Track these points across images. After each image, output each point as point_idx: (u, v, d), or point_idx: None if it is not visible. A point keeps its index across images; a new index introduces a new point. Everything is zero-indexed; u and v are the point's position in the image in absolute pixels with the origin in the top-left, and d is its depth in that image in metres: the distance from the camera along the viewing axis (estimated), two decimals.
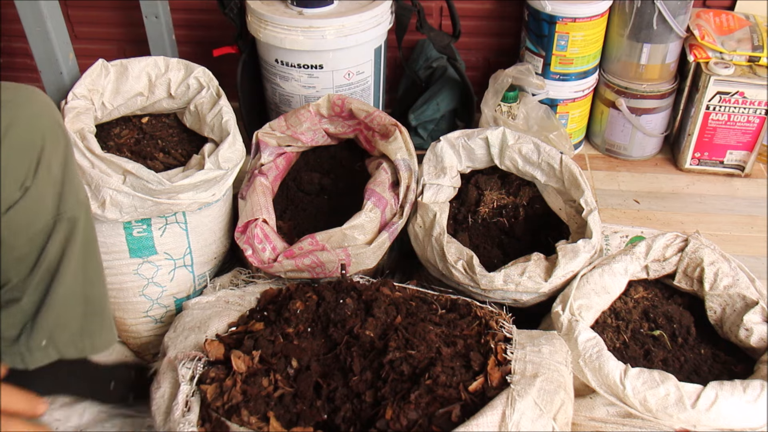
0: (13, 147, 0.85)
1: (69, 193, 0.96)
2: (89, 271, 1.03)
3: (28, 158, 0.87)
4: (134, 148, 1.28)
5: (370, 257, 1.18)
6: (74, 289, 1.00)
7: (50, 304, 0.98)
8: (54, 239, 0.95)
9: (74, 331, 1.03)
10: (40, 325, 0.99)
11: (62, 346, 1.02)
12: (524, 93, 1.69)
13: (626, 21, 1.62)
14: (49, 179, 0.91)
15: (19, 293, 0.97)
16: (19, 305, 0.97)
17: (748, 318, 1.04)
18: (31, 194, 0.89)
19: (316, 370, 0.95)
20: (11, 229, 0.90)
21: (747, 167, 1.71)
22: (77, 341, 1.04)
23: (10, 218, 0.89)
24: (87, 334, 1.04)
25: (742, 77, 1.58)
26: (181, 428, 0.87)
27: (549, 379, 0.90)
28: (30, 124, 0.87)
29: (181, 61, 1.34)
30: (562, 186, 1.27)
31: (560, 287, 1.15)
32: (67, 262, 0.97)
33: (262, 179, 1.27)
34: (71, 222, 0.97)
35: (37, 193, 0.90)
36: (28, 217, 0.91)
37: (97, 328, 1.06)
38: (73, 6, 1.89)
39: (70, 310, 1.01)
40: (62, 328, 1.01)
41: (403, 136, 1.29)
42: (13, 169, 0.86)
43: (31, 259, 0.95)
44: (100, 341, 1.07)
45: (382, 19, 1.50)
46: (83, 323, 1.04)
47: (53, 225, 0.95)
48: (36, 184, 0.89)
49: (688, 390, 0.92)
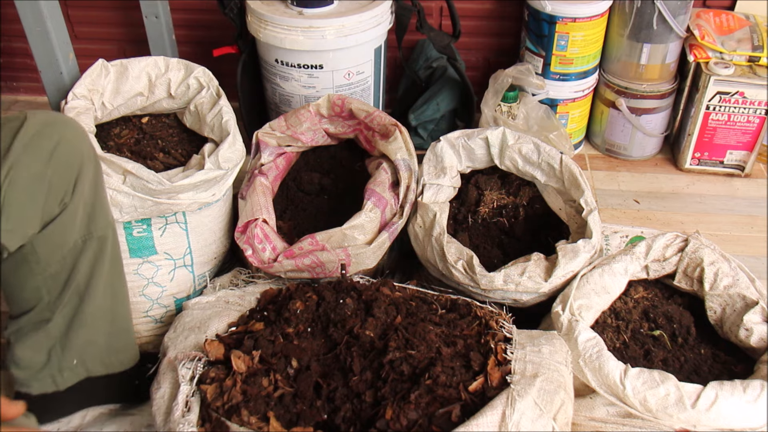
0: (60, 164, 0.89)
1: (100, 213, 1.00)
2: (116, 288, 1.07)
3: (69, 176, 0.92)
4: (134, 148, 1.28)
5: (370, 257, 1.18)
6: (103, 306, 1.05)
7: (80, 321, 1.04)
8: (84, 257, 0.99)
9: (102, 348, 1.08)
10: (71, 344, 1.05)
11: (91, 363, 1.08)
12: (524, 93, 1.69)
13: (626, 21, 1.62)
14: (82, 198, 0.95)
15: (49, 313, 1.01)
16: (47, 327, 1.02)
17: (748, 318, 1.04)
18: (68, 211, 0.93)
19: (316, 370, 0.95)
20: (48, 245, 0.95)
21: (747, 167, 1.71)
22: (104, 358, 1.10)
23: (48, 234, 0.93)
24: (114, 351, 1.10)
25: (742, 77, 1.58)
26: (181, 428, 0.87)
27: (549, 379, 0.90)
28: (72, 144, 0.91)
29: (181, 61, 1.34)
30: (562, 186, 1.27)
31: (560, 287, 1.15)
32: (96, 280, 1.02)
33: (262, 179, 1.27)
34: (101, 241, 1.01)
35: (73, 210, 0.94)
36: (64, 234, 0.95)
37: (122, 344, 1.11)
38: (73, 6, 1.89)
39: (98, 327, 1.06)
40: (91, 345, 1.07)
41: (403, 136, 1.29)
42: (58, 185, 0.90)
43: (62, 278, 0.99)
44: (126, 357, 1.12)
45: (382, 19, 1.50)
46: (110, 340, 1.09)
47: (83, 244, 0.99)
48: (73, 202, 0.93)
49: (688, 390, 0.92)
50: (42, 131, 0.89)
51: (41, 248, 0.94)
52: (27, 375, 1.05)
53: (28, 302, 1.00)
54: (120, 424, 1.12)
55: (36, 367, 1.04)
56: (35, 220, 0.90)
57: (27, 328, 1.02)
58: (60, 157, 0.89)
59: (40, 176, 0.88)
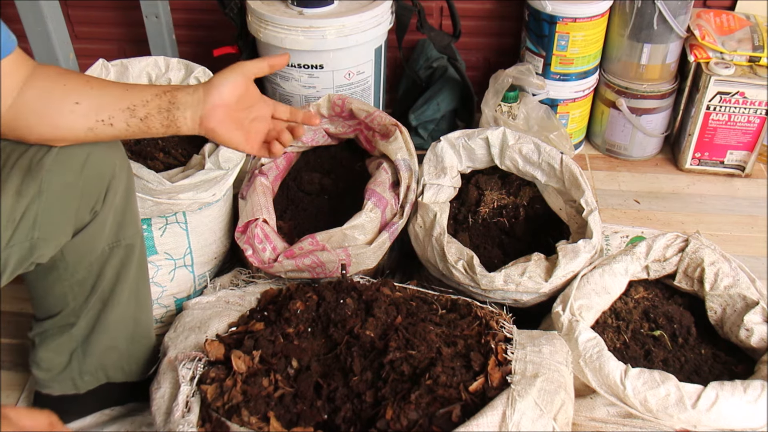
0: (92, 173, 0.89)
1: (129, 221, 1.00)
2: (141, 296, 1.08)
3: (100, 185, 0.92)
4: (134, 148, 1.28)
5: (370, 257, 1.18)
6: (126, 313, 1.05)
7: (103, 327, 1.04)
8: (110, 264, 1.00)
9: (123, 355, 1.09)
10: (93, 349, 1.06)
11: (111, 370, 1.10)
12: (524, 93, 1.69)
13: (627, 21, 1.62)
14: (112, 207, 0.95)
15: (74, 318, 1.02)
16: (71, 332, 1.03)
17: (748, 318, 1.04)
18: (99, 219, 0.93)
19: (317, 370, 0.95)
20: (77, 253, 0.95)
21: (747, 167, 1.71)
22: (125, 365, 1.11)
23: (77, 241, 0.93)
24: (134, 359, 1.12)
25: (742, 77, 1.58)
26: (181, 428, 0.87)
27: (549, 379, 0.90)
28: (105, 153, 0.91)
29: (182, 61, 1.34)
30: (563, 186, 1.27)
31: (561, 287, 1.15)
32: (121, 287, 1.02)
33: (262, 179, 1.27)
34: (128, 249, 1.01)
35: (103, 219, 0.94)
36: (93, 241, 0.96)
37: (143, 352, 1.12)
38: (73, 6, 1.89)
39: (120, 333, 1.07)
40: (112, 351, 1.08)
41: (404, 136, 1.29)
42: (89, 194, 0.90)
43: (89, 284, 1.00)
44: (146, 366, 1.12)
45: (382, 19, 1.50)
46: (131, 347, 1.10)
47: (110, 251, 0.99)
48: (103, 210, 0.93)
49: (689, 390, 0.92)
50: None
51: (70, 255, 0.95)
52: (48, 377, 1.06)
53: (54, 307, 1.01)
54: (120, 424, 1.12)
55: (57, 369, 1.05)
56: (68, 229, 0.90)
57: (51, 331, 1.03)
58: (92, 167, 0.89)
59: (73, 186, 0.87)
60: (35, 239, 0.85)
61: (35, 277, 0.98)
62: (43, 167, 0.84)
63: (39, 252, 0.86)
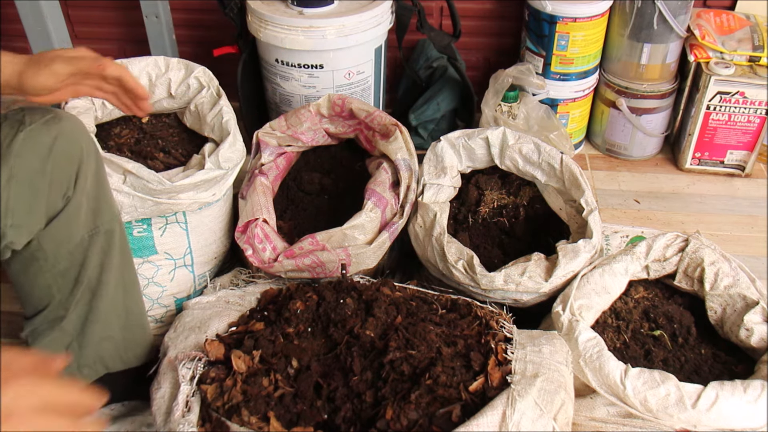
0: (60, 158, 0.90)
1: (105, 207, 1.00)
2: (128, 282, 1.07)
3: (70, 169, 0.92)
4: (134, 147, 1.28)
5: (370, 257, 1.18)
6: (115, 301, 1.05)
7: (94, 317, 1.04)
8: (92, 252, 1.00)
9: (119, 343, 1.09)
10: (88, 340, 1.06)
11: (109, 360, 1.09)
12: (525, 93, 1.69)
13: (627, 21, 1.62)
14: (85, 192, 0.96)
15: (63, 311, 1.01)
16: (62, 325, 1.02)
17: (748, 318, 1.04)
18: (72, 204, 0.94)
19: (317, 370, 0.95)
20: (55, 241, 0.95)
21: (747, 167, 1.71)
22: (122, 354, 1.10)
23: (53, 229, 0.94)
24: (130, 346, 1.11)
25: (742, 77, 1.58)
26: (181, 428, 0.87)
27: (549, 379, 0.90)
28: (72, 137, 0.92)
29: (182, 60, 1.34)
30: (563, 186, 1.27)
31: (561, 287, 1.15)
32: (107, 275, 1.02)
33: (262, 179, 1.27)
34: (108, 235, 1.01)
35: (77, 204, 0.95)
36: (69, 228, 0.96)
37: (139, 338, 1.12)
38: (73, 6, 1.89)
39: (113, 322, 1.07)
40: (107, 341, 1.08)
41: (404, 135, 1.29)
42: (59, 179, 0.91)
43: (72, 274, 1.00)
44: (143, 352, 1.12)
45: (382, 19, 1.50)
46: (125, 335, 1.09)
47: (90, 238, 0.99)
48: (76, 195, 0.94)
49: (689, 390, 0.92)
50: (40, 127, 0.90)
51: (48, 244, 0.95)
52: None
53: (41, 301, 1.01)
54: (120, 424, 1.12)
55: None
56: (40, 215, 0.91)
57: (42, 327, 1.03)
58: (59, 151, 0.90)
59: (41, 171, 0.89)
60: (7, 226, 0.86)
61: (18, 273, 0.98)
62: (11, 153, 0.85)
63: (10, 239, 0.87)
